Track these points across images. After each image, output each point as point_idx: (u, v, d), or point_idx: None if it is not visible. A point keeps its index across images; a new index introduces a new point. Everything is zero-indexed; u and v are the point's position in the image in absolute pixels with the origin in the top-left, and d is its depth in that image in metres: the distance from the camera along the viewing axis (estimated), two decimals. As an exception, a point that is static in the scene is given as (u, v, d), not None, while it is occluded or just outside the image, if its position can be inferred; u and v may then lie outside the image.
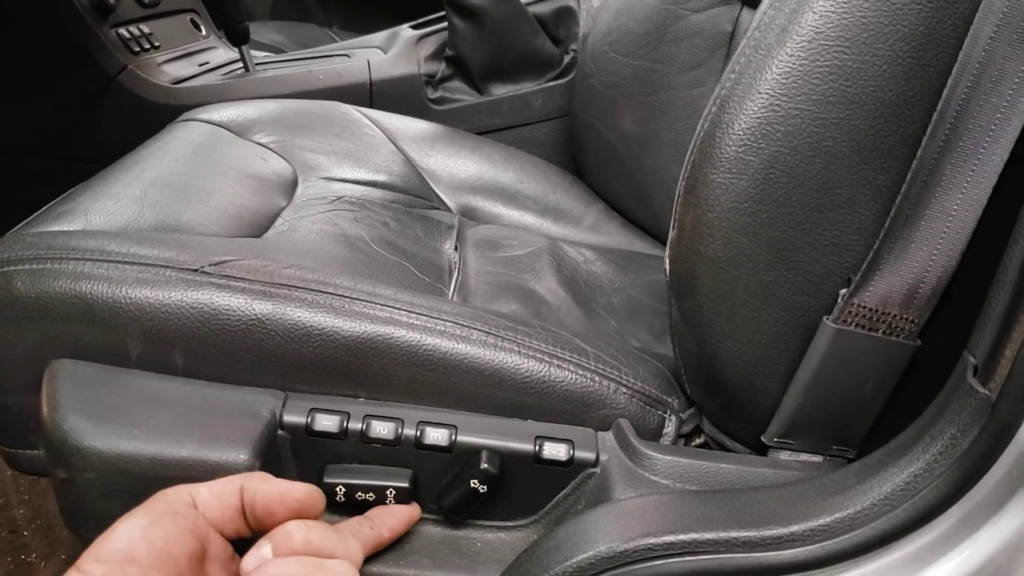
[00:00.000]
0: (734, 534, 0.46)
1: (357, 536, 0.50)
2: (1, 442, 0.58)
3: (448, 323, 0.56)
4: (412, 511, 0.55)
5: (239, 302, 0.53)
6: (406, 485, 0.55)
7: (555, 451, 0.55)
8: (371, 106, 1.29)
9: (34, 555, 1.07)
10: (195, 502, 0.45)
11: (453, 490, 0.55)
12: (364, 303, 0.55)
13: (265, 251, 0.64)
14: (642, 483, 0.53)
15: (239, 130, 0.96)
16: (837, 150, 0.48)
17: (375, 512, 0.54)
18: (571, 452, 0.55)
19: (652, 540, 0.46)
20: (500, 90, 1.31)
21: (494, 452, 0.55)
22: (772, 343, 0.52)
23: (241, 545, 0.46)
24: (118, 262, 0.54)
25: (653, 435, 0.58)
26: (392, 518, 0.54)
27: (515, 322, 0.59)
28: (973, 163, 0.46)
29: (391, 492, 0.54)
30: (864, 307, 0.50)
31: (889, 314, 0.50)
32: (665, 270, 0.56)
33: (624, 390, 0.57)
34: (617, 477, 0.53)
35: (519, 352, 0.56)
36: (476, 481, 0.54)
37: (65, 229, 0.62)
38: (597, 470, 0.55)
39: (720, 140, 0.50)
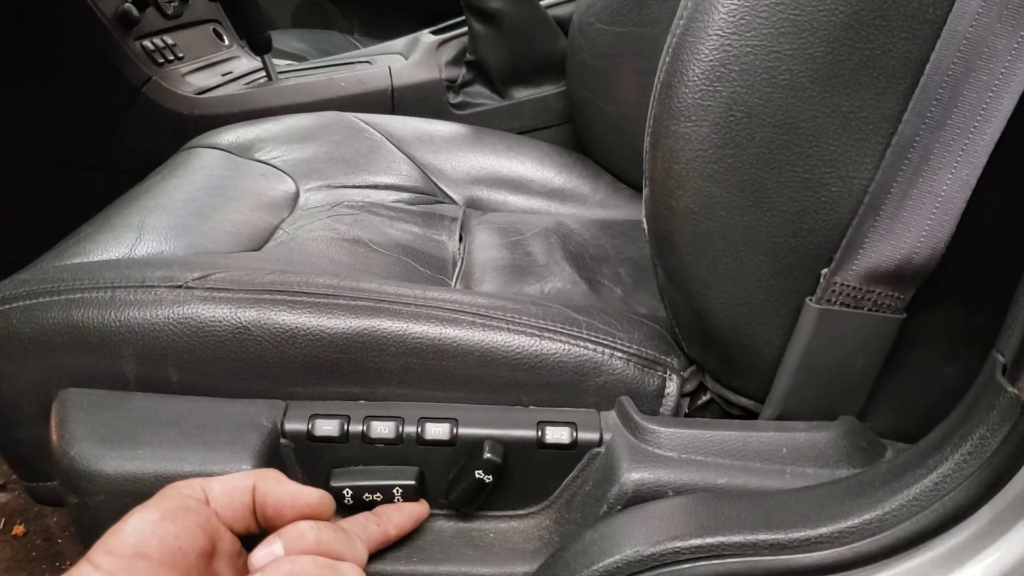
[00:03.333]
0: (762, 537, 0.46)
1: (364, 533, 0.51)
2: (21, 476, 0.60)
3: (434, 309, 0.56)
4: (420, 508, 0.55)
5: (224, 312, 0.54)
6: (413, 483, 0.55)
7: (558, 435, 0.55)
8: (393, 112, 1.30)
9: (68, 562, 1.09)
10: (207, 497, 0.45)
11: (459, 483, 0.55)
12: (347, 299, 0.55)
13: (256, 262, 0.65)
14: (647, 458, 0.52)
15: (240, 151, 0.98)
16: (795, 82, 0.46)
17: (382, 509, 0.54)
18: (574, 434, 0.55)
19: (679, 544, 0.46)
20: (521, 93, 1.31)
21: (497, 441, 0.54)
22: (758, 290, 0.51)
23: (247, 540, 0.47)
24: (106, 288, 0.55)
25: (655, 396, 0.57)
26: (400, 515, 0.54)
27: (505, 300, 0.59)
28: (963, 142, 0.45)
29: (398, 491, 0.54)
30: (848, 286, 0.49)
31: (874, 291, 0.49)
32: (644, 229, 0.55)
33: (620, 354, 0.56)
34: (622, 454, 0.53)
35: (508, 329, 0.56)
36: (481, 472, 0.54)
37: (64, 263, 0.63)
38: (602, 450, 0.55)
39: (677, 89, 0.49)
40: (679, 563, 0.46)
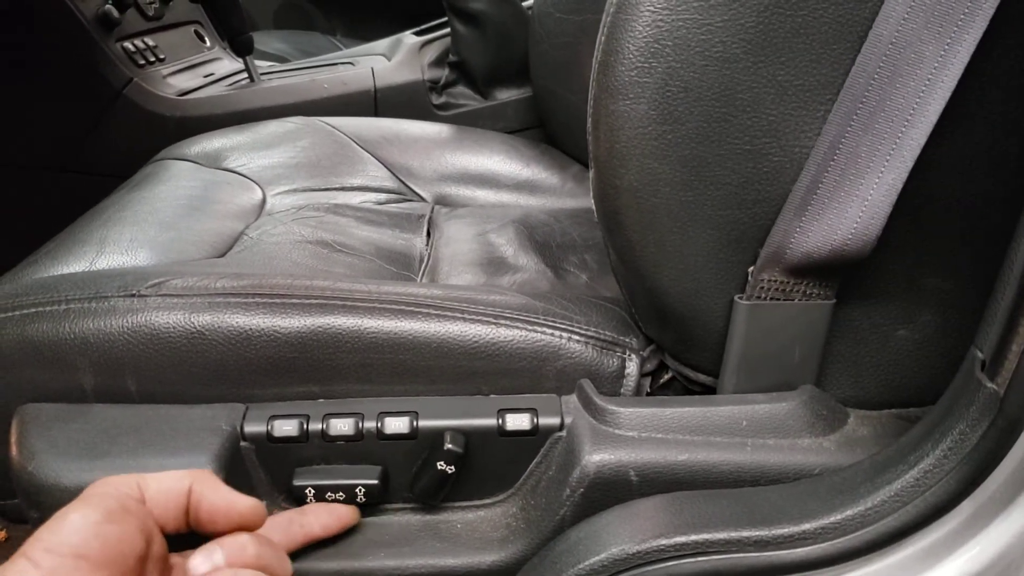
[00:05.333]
0: (745, 533, 0.46)
1: (285, 536, 0.51)
2: (-10, 495, 0.60)
3: (389, 303, 0.56)
4: (350, 512, 0.55)
5: (178, 318, 0.54)
6: (375, 481, 0.54)
7: (519, 422, 0.54)
8: (376, 113, 1.30)
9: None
10: (143, 496, 0.45)
11: (423, 476, 0.54)
12: (300, 298, 0.55)
13: (213, 267, 0.64)
14: (608, 439, 0.52)
15: (208, 161, 0.98)
16: (729, 54, 0.46)
17: (311, 508, 0.54)
18: (535, 420, 0.54)
19: (664, 541, 0.46)
20: (504, 94, 1.31)
21: (457, 432, 0.54)
22: (707, 264, 0.51)
23: (172, 538, 0.46)
24: (59, 301, 0.55)
25: (616, 377, 0.56)
26: (328, 516, 0.54)
27: (461, 291, 0.59)
28: (891, 146, 0.45)
29: (360, 489, 0.54)
30: (775, 280, 0.50)
31: (802, 283, 0.50)
32: (593, 211, 0.55)
33: (577, 338, 0.56)
34: (584, 437, 0.53)
35: (464, 319, 0.56)
36: (443, 463, 0.53)
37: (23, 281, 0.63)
38: (563, 434, 0.55)
39: (613, 67, 0.49)
40: (664, 560, 0.47)
